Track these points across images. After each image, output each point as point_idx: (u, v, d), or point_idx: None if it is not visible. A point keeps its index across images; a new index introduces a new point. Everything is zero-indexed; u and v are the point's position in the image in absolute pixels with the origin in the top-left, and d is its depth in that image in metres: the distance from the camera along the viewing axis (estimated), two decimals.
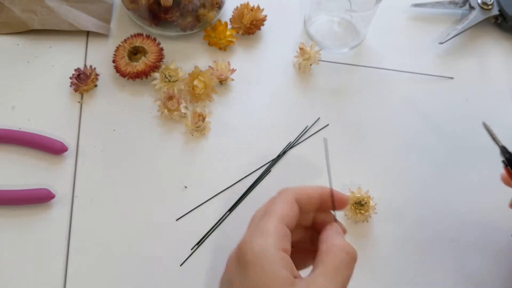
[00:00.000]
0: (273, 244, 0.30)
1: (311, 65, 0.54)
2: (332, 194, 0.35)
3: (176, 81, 0.50)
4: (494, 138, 0.42)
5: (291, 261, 0.31)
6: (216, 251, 0.44)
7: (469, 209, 0.48)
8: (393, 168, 0.50)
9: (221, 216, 0.46)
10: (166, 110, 0.49)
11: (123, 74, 0.51)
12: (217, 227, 0.46)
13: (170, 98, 0.49)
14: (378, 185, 0.48)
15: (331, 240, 0.32)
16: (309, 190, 0.35)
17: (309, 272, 0.31)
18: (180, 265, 0.44)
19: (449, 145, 0.52)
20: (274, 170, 0.49)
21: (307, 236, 0.36)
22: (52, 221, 0.45)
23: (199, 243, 0.45)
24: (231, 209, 0.46)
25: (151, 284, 0.43)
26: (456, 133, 0.52)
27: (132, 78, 0.51)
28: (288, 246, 0.31)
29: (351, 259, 0.31)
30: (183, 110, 0.50)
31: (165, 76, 0.50)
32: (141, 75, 0.51)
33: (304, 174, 0.49)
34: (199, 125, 0.49)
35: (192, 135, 0.50)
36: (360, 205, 0.45)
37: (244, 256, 0.30)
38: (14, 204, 0.45)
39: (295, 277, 0.30)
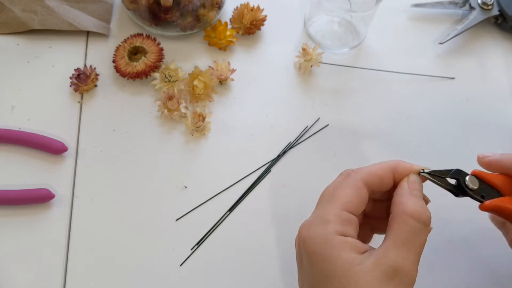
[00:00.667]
0: (332, 232, 0.30)
1: (311, 66, 0.54)
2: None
3: (176, 81, 0.50)
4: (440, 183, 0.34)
5: (354, 241, 0.30)
6: (216, 251, 0.44)
7: (469, 209, 0.48)
8: None
9: (221, 216, 0.46)
10: (166, 110, 0.49)
11: (123, 74, 0.51)
12: (217, 227, 0.46)
13: (170, 98, 0.49)
14: None
15: (400, 205, 0.31)
16: (380, 172, 0.33)
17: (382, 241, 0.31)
18: (180, 265, 0.44)
19: (449, 145, 0.52)
20: (274, 170, 0.49)
21: (383, 205, 0.35)
22: (52, 221, 0.45)
23: (199, 243, 0.45)
24: (231, 209, 0.46)
25: (151, 284, 0.43)
26: (457, 133, 0.52)
27: (132, 78, 0.51)
28: (350, 231, 0.31)
29: (424, 225, 0.30)
30: (183, 110, 0.50)
31: (165, 76, 0.50)
32: (141, 75, 0.51)
33: (304, 174, 0.49)
34: (199, 125, 0.49)
35: (192, 135, 0.50)
36: None
37: (305, 244, 0.31)
38: (14, 204, 0.45)
39: (364, 251, 0.30)
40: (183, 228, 0.45)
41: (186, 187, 0.47)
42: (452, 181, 0.35)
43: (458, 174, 0.35)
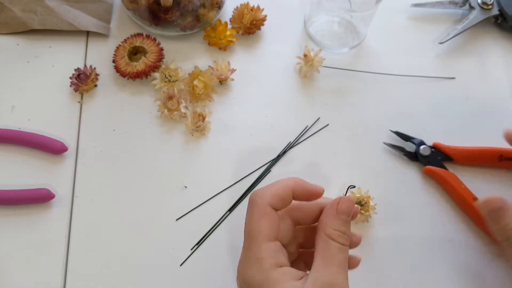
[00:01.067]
0: (268, 268, 0.32)
1: (312, 71, 0.53)
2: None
3: (176, 81, 0.50)
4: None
5: (290, 270, 0.32)
6: (216, 251, 0.44)
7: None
8: (394, 168, 0.50)
9: (221, 216, 0.46)
10: (166, 110, 0.49)
11: (123, 74, 0.51)
12: (217, 227, 0.46)
13: (170, 98, 0.49)
14: (378, 185, 0.48)
15: (323, 226, 0.34)
16: (281, 193, 0.34)
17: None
18: (180, 265, 0.44)
19: (449, 145, 0.52)
20: (274, 170, 0.49)
21: (313, 232, 0.36)
22: (52, 221, 0.45)
23: (199, 243, 0.45)
24: (231, 209, 0.46)
25: (151, 284, 0.43)
26: (457, 132, 0.52)
27: (132, 78, 0.51)
28: (283, 260, 0.33)
29: (343, 242, 0.33)
30: (183, 110, 0.50)
31: (165, 76, 0.50)
32: (141, 75, 0.51)
33: (304, 174, 0.49)
34: (199, 125, 0.49)
35: (192, 135, 0.50)
36: (360, 205, 0.45)
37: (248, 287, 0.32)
38: (14, 204, 0.45)
39: (301, 277, 0.32)
40: (183, 228, 0.45)
41: (186, 187, 0.47)
42: (412, 149, 0.50)
43: (419, 143, 0.50)
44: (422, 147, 0.49)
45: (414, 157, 0.49)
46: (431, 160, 0.49)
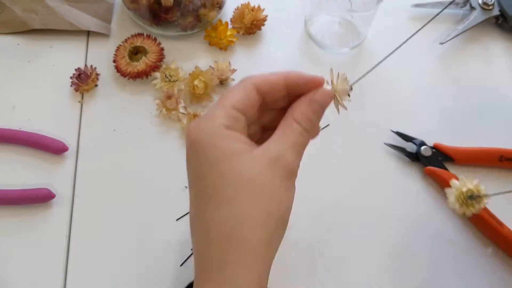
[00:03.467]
0: (219, 125, 0.31)
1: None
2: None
3: (176, 81, 0.50)
4: None
5: (242, 136, 0.32)
6: None
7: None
8: (394, 169, 0.50)
9: None
10: (164, 109, 0.49)
11: (123, 74, 0.51)
12: None
13: (169, 97, 0.49)
14: (379, 185, 0.48)
15: (289, 112, 0.33)
16: (272, 78, 0.33)
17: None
18: (180, 265, 0.44)
19: (450, 145, 0.52)
20: None
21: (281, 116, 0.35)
22: (52, 221, 0.45)
23: None
24: None
25: (151, 284, 0.43)
26: (458, 133, 0.52)
27: (132, 78, 0.51)
28: (238, 127, 0.32)
29: (305, 127, 0.33)
30: (181, 110, 0.49)
31: (165, 76, 0.50)
32: (142, 75, 0.51)
33: (304, 174, 0.49)
34: None
35: None
36: (472, 198, 0.39)
37: (191, 136, 0.31)
38: (14, 204, 0.45)
39: (250, 145, 0.32)
40: (183, 228, 0.45)
41: (186, 187, 0.47)
42: (413, 149, 0.50)
43: (420, 143, 0.50)
44: (423, 147, 0.49)
45: (415, 157, 0.49)
46: (432, 160, 0.49)
